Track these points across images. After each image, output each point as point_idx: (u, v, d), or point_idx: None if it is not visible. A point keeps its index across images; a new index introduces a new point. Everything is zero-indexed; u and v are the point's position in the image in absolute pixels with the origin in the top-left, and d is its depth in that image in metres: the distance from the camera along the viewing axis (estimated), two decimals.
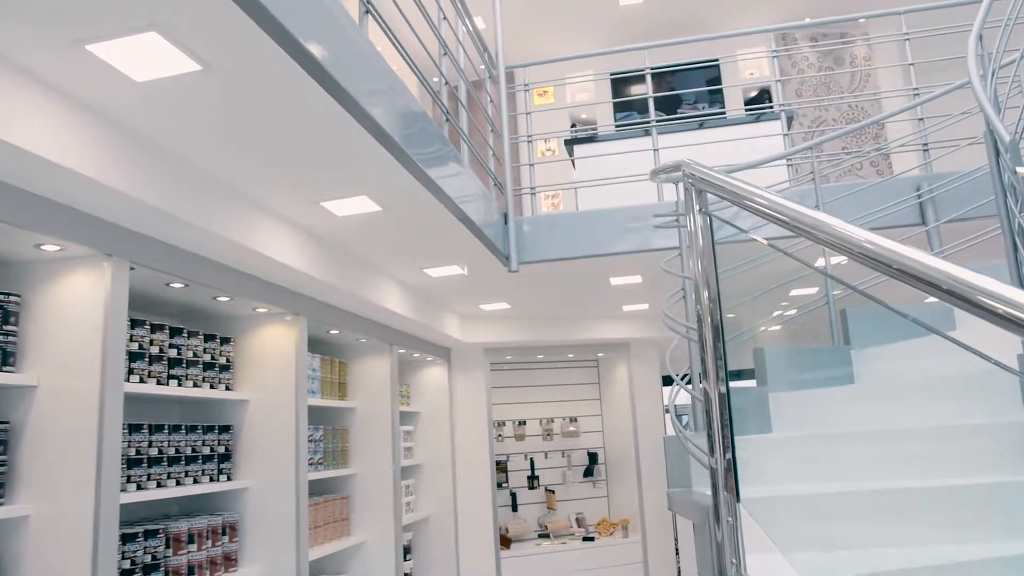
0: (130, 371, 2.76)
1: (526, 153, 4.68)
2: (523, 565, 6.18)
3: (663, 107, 6.25)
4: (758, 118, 5.39)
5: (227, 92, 1.95)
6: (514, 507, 6.80)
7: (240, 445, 3.51)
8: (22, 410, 2.34)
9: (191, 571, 3.04)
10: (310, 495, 3.84)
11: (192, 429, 3.18)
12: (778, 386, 2.91)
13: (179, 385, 3.07)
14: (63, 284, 2.39)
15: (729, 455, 1.59)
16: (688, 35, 4.76)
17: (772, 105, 5.93)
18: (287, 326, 3.60)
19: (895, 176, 4.06)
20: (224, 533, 3.30)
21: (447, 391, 6.04)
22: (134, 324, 2.81)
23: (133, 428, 2.83)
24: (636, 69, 4.73)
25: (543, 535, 6.69)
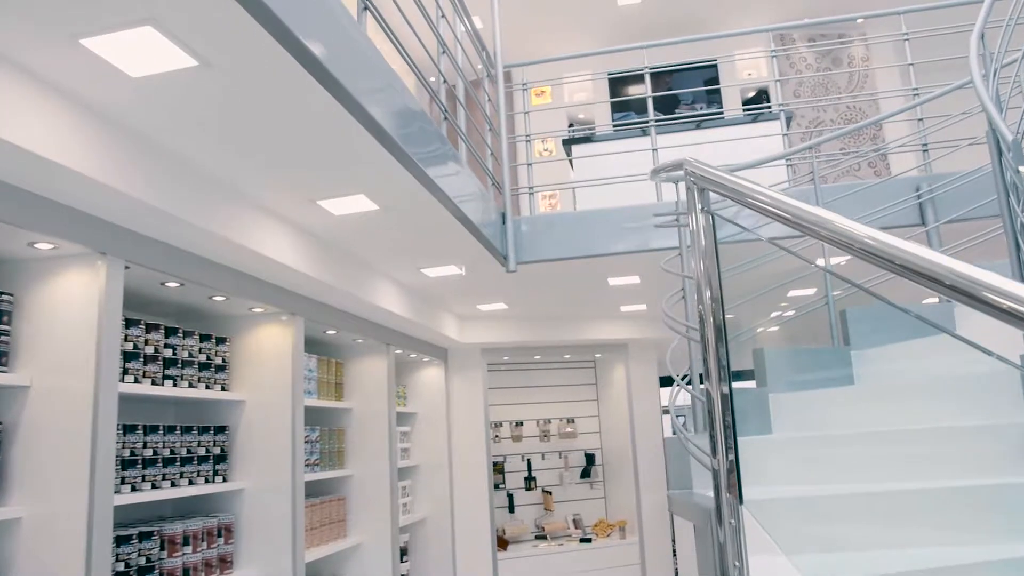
0: (125, 371, 2.73)
1: (524, 153, 4.67)
2: (520, 566, 6.16)
3: (660, 107, 6.24)
4: (756, 118, 5.38)
5: (224, 88, 1.93)
6: (511, 508, 6.78)
7: (236, 446, 3.49)
8: (15, 410, 2.31)
9: (186, 573, 3.01)
10: (306, 496, 3.82)
11: (187, 430, 3.16)
12: (778, 387, 2.91)
13: (174, 385, 3.04)
14: (57, 283, 2.37)
15: (732, 456, 1.58)
16: (686, 35, 4.74)
17: (770, 105, 5.93)
18: (283, 326, 3.57)
19: (895, 176, 4.05)
20: (219, 535, 3.27)
21: (444, 392, 6.02)
22: (129, 324, 2.79)
23: (128, 429, 2.80)
24: (634, 69, 4.72)
25: (540, 536, 6.67)
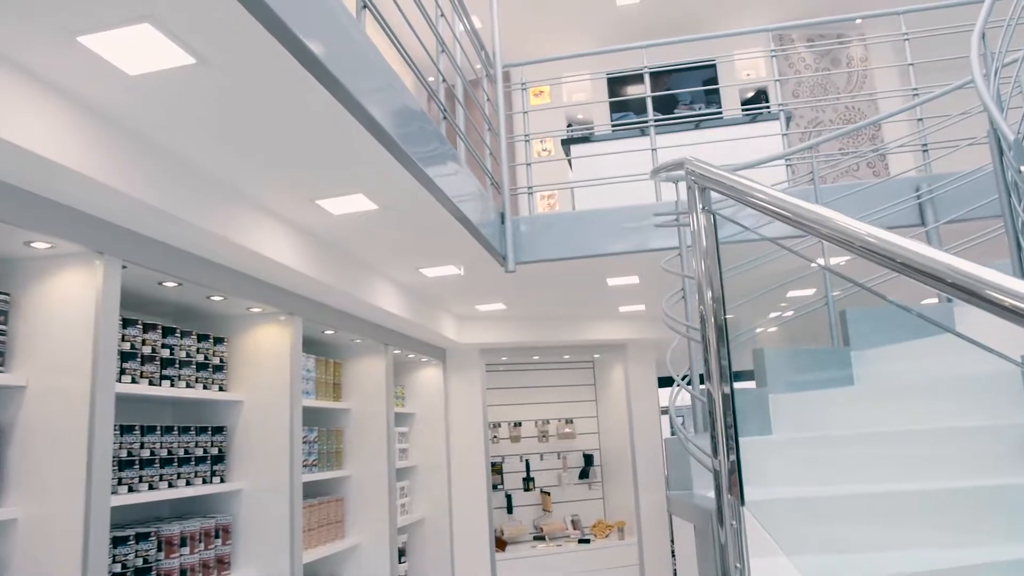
0: (122, 371, 2.72)
1: (523, 153, 4.66)
2: (518, 567, 6.15)
3: (659, 107, 6.23)
4: (754, 118, 5.38)
5: (222, 87, 1.92)
6: (509, 509, 6.77)
7: (233, 446, 3.47)
8: (11, 411, 2.30)
9: (183, 574, 3.00)
10: (304, 497, 3.81)
11: (185, 430, 3.14)
12: (777, 387, 2.90)
13: (172, 386, 3.02)
14: (54, 282, 2.35)
15: (733, 457, 1.57)
16: (685, 35, 4.74)
17: (769, 105, 5.92)
18: (281, 326, 3.56)
19: (895, 177, 4.05)
20: (217, 536, 3.26)
21: (442, 392, 6.00)
22: (126, 324, 2.77)
23: (125, 429, 2.78)
24: (633, 69, 4.71)
25: (538, 537, 6.66)
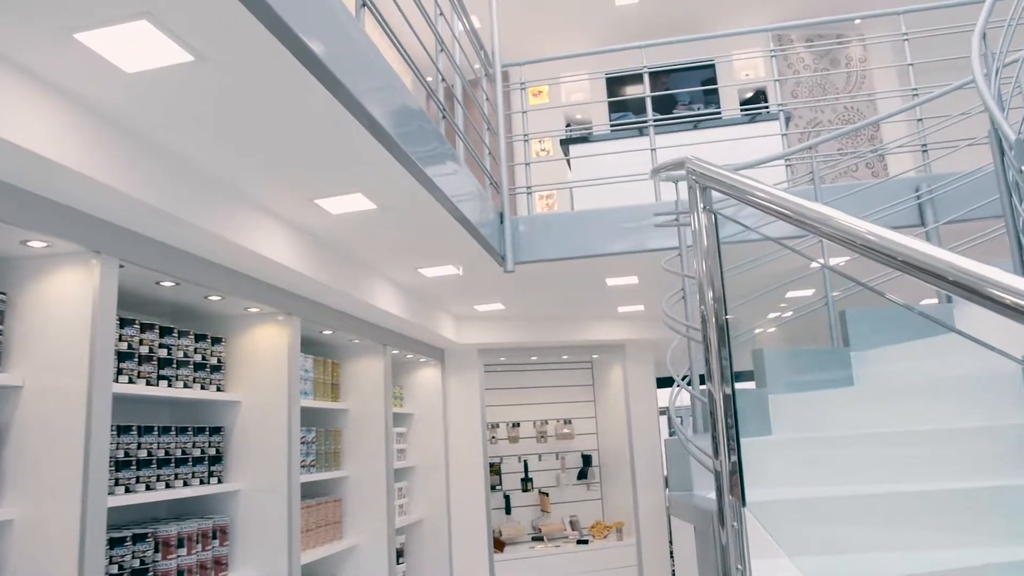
0: (119, 371, 2.70)
1: (521, 153, 4.65)
2: (517, 568, 6.14)
3: (658, 107, 6.23)
4: (753, 118, 5.37)
5: (220, 85, 1.91)
6: (507, 509, 6.76)
7: (231, 447, 3.46)
8: (7, 411, 2.28)
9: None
10: (302, 498, 3.79)
11: (182, 431, 3.13)
12: (777, 388, 2.89)
13: (169, 386, 3.01)
14: (50, 282, 2.34)
15: (734, 458, 1.56)
16: (684, 35, 4.73)
17: (768, 105, 5.92)
18: (279, 326, 3.55)
19: (894, 177, 4.04)
20: (215, 537, 3.24)
21: (441, 392, 5.99)
22: (123, 323, 2.76)
23: (122, 430, 2.77)
24: (632, 69, 4.71)
25: (537, 538, 6.65)
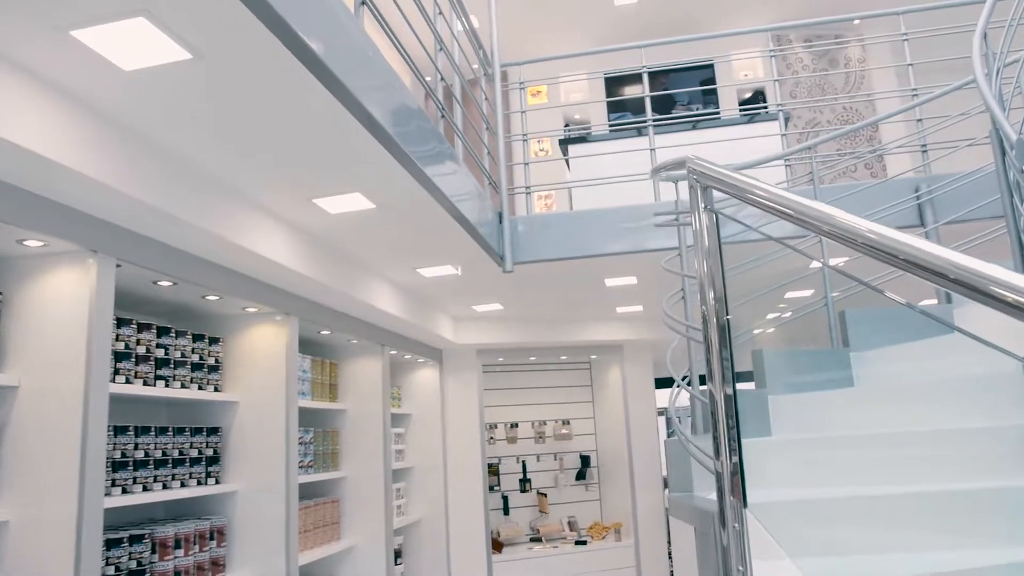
0: (116, 371, 2.69)
1: (520, 152, 4.64)
2: (515, 569, 6.13)
3: (656, 107, 6.22)
4: (752, 119, 5.37)
5: (219, 83, 1.90)
6: (506, 510, 6.75)
7: (229, 448, 3.45)
8: (3, 411, 2.27)
9: None
10: (300, 498, 3.78)
11: (180, 431, 3.11)
12: (776, 389, 2.88)
13: (166, 386, 3.00)
14: (46, 281, 2.32)
15: (736, 458, 1.55)
16: (683, 36, 4.73)
17: (766, 106, 5.92)
18: (277, 326, 3.53)
19: (894, 177, 4.04)
20: (212, 538, 3.23)
21: (439, 393, 5.98)
22: (120, 323, 2.75)
23: (119, 430, 2.75)
24: (631, 68, 4.70)
25: (535, 539, 6.64)
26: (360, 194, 2.80)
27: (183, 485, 3.09)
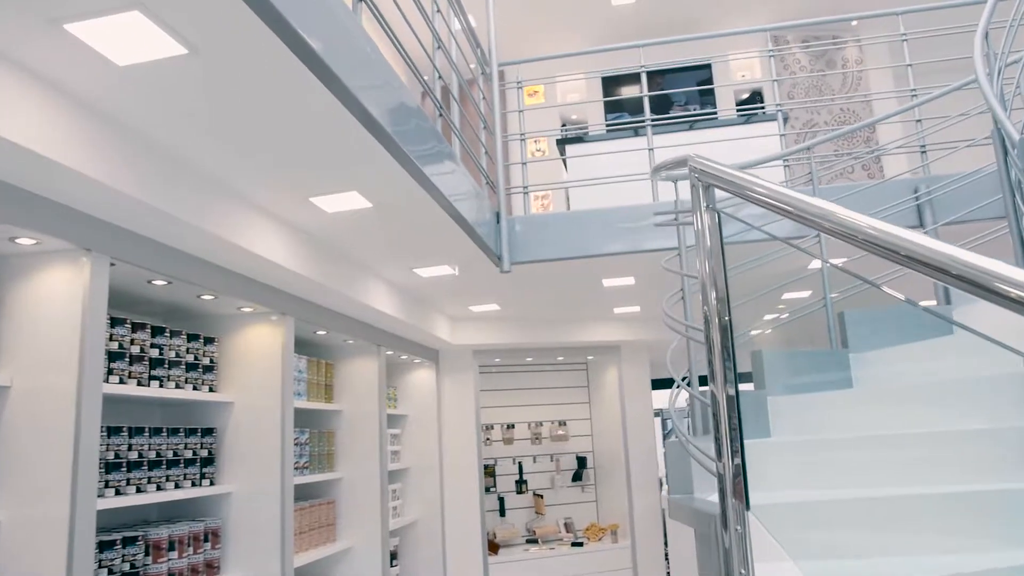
0: (109, 371, 2.66)
1: (518, 152, 4.62)
2: (511, 570, 6.11)
3: (653, 108, 6.20)
4: (749, 119, 5.36)
5: (215, 79, 1.87)
6: (502, 512, 6.73)
7: (223, 448, 3.42)
8: None
9: None
10: (295, 500, 3.76)
11: (174, 432, 3.08)
12: (776, 390, 2.87)
13: (161, 386, 2.97)
14: (39, 279, 2.30)
15: (738, 460, 1.54)
16: (680, 36, 4.71)
17: (763, 106, 5.91)
18: (273, 326, 3.51)
19: (893, 178, 4.04)
20: (206, 539, 3.20)
21: (435, 394, 5.96)
22: (114, 323, 2.72)
23: (112, 431, 2.73)
24: (629, 68, 4.69)
25: (531, 540, 6.62)
26: (357, 193, 2.77)
27: (177, 486, 3.06)
